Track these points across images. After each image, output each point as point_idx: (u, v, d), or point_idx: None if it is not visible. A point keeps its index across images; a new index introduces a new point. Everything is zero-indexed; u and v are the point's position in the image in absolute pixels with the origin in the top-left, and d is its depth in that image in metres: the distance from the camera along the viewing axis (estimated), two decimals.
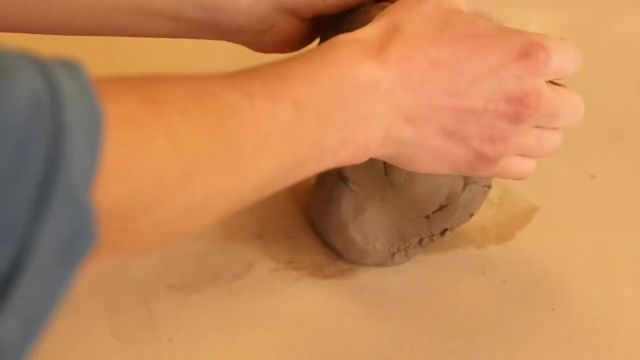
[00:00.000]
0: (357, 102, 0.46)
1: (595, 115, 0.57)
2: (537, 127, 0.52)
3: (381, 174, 0.56)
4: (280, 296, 0.55)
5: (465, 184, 0.56)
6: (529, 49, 0.49)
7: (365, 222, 0.57)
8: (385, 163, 0.55)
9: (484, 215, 0.61)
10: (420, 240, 0.57)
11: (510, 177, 0.53)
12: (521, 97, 0.49)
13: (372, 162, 0.51)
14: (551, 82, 0.51)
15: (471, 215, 0.57)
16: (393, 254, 0.57)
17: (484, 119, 0.50)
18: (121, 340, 0.52)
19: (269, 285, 0.56)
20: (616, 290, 0.55)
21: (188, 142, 0.38)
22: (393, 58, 0.48)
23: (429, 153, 0.51)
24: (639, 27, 0.72)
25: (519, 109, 0.49)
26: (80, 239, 0.33)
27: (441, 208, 0.56)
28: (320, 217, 0.59)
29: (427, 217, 0.57)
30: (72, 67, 0.33)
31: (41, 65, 0.32)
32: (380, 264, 0.57)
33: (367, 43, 0.48)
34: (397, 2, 0.51)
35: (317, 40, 0.58)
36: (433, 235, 0.57)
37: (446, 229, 0.57)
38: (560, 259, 0.57)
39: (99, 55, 0.60)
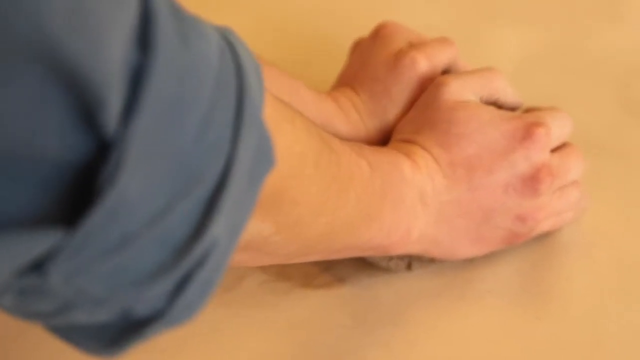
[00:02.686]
0: (402, 192, 0.52)
1: (574, 130, 0.58)
2: (557, 189, 0.56)
3: None
4: (271, 308, 0.56)
5: None
6: (530, 129, 0.54)
7: None
8: None
9: None
10: (409, 264, 0.58)
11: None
12: (534, 174, 0.54)
13: None
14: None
15: None
16: (390, 258, 0.57)
17: (508, 203, 0.54)
18: None
19: (260, 297, 0.56)
20: (601, 299, 0.56)
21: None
22: (420, 164, 0.53)
23: (466, 242, 0.55)
24: (617, 42, 0.73)
25: (535, 186, 0.54)
26: (263, 159, 0.37)
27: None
28: None
29: None
30: (230, 30, 0.38)
31: (214, 26, 0.37)
32: (374, 262, 0.57)
33: (401, 150, 0.54)
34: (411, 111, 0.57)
35: None
36: (422, 260, 0.58)
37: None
38: (544, 268, 0.58)
39: None
